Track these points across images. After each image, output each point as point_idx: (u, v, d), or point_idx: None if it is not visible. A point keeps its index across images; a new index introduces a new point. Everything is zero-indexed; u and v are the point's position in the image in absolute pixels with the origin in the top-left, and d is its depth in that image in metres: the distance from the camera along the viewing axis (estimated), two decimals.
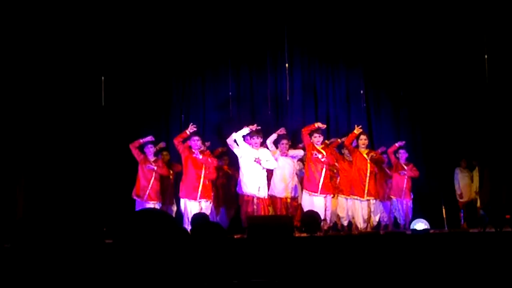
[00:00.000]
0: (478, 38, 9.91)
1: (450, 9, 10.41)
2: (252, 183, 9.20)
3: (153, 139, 9.62)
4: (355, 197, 9.71)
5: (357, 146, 9.85)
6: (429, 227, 9.86)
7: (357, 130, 9.65)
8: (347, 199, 9.83)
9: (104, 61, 10.37)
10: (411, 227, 9.90)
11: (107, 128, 10.83)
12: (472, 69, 10.40)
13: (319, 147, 9.45)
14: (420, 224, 9.95)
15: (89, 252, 2.14)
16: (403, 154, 10.26)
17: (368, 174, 9.66)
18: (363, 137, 9.80)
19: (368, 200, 9.71)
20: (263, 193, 9.24)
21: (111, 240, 1.93)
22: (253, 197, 9.17)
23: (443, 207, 10.48)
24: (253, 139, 9.29)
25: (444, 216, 10.38)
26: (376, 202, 9.94)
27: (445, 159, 11.29)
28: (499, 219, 9.34)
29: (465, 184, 11.01)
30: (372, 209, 9.79)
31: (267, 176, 9.39)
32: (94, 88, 10.38)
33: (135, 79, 11.06)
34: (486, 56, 9.59)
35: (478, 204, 10.44)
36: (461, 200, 10.97)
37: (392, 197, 10.29)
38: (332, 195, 9.56)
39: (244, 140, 9.31)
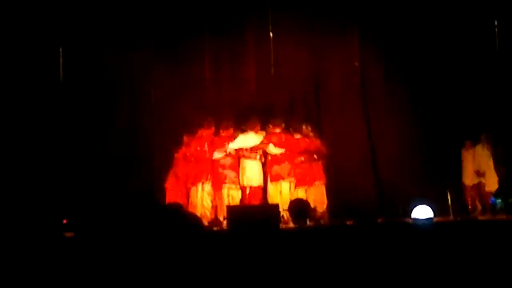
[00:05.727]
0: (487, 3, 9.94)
1: None
2: None
3: None
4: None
5: None
6: (432, 215, 9.86)
7: None
8: None
9: (62, 28, 10.18)
10: (412, 215, 9.87)
11: (65, 106, 10.61)
12: (481, 36, 10.43)
13: None
14: (422, 212, 9.92)
15: (47, 246, 1.99)
16: None
17: None
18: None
19: None
20: None
21: (71, 234, 1.77)
22: None
23: (448, 192, 10.46)
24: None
25: (450, 202, 10.35)
26: None
27: (450, 139, 11.23)
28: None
29: (471, 166, 10.99)
30: None
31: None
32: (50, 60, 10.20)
33: (98, 49, 10.78)
34: (496, 22, 9.63)
35: (487, 188, 10.44)
36: (467, 184, 10.95)
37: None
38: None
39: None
